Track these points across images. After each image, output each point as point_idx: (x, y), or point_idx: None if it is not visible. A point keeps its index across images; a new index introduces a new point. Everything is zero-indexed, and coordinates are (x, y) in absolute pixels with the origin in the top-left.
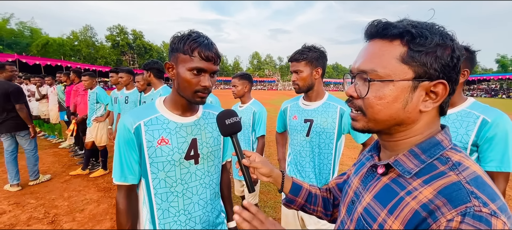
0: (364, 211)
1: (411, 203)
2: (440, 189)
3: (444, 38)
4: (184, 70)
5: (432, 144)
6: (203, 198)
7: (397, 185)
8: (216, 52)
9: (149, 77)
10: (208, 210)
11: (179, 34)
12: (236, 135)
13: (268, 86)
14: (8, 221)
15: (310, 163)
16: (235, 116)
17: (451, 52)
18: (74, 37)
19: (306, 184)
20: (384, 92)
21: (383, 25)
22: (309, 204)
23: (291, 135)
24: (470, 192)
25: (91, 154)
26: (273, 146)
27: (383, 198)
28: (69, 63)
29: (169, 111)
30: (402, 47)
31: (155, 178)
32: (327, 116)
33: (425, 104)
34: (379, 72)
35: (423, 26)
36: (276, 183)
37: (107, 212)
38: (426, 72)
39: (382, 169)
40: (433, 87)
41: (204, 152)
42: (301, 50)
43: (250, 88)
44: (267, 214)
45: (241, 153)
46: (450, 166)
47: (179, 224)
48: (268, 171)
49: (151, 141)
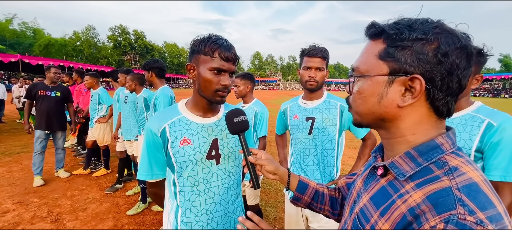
0: (360, 212)
1: (401, 206)
2: (429, 194)
3: (426, 33)
4: (205, 70)
5: (431, 147)
6: (224, 198)
7: (392, 187)
8: (235, 53)
9: (151, 77)
10: (230, 211)
11: (200, 37)
12: (244, 133)
13: (269, 86)
14: (12, 220)
15: (314, 160)
16: (243, 115)
17: (436, 47)
18: (76, 37)
19: (313, 183)
20: (363, 87)
21: (368, 26)
22: (316, 203)
23: (293, 135)
24: (457, 199)
25: (92, 153)
26: (274, 146)
27: (378, 200)
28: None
29: (190, 112)
30: (382, 44)
31: (180, 176)
32: (328, 113)
33: (403, 99)
34: (360, 68)
35: (405, 23)
36: (282, 181)
37: (109, 211)
38: (401, 67)
39: (381, 171)
40: (410, 82)
41: (225, 152)
42: (324, 48)
43: (252, 88)
44: (268, 213)
45: (248, 150)
46: (446, 170)
47: (200, 224)
48: (274, 168)
49: (175, 142)
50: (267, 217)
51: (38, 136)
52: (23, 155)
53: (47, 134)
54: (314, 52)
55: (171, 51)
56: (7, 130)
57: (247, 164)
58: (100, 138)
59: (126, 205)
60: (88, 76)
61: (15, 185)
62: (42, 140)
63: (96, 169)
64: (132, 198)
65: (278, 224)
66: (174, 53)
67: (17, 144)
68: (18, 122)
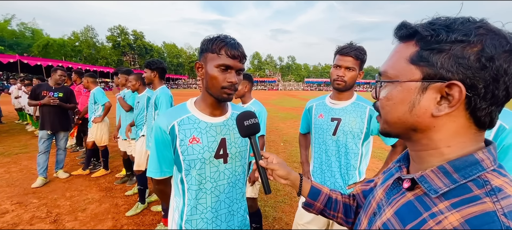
0: (383, 227)
1: (433, 228)
2: (469, 218)
3: (468, 34)
4: (212, 67)
5: (469, 163)
6: (229, 197)
7: (421, 204)
8: (242, 51)
9: (154, 77)
10: (234, 210)
11: (209, 37)
12: (255, 136)
13: (268, 86)
14: (11, 221)
15: (336, 162)
16: (254, 118)
17: (480, 51)
18: (75, 37)
19: (326, 189)
20: (392, 93)
21: (398, 27)
22: (329, 209)
23: (315, 134)
24: (505, 227)
25: (92, 154)
26: (273, 146)
27: (405, 216)
28: (70, 64)
29: (199, 111)
30: (414, 47)
31: (188, 174)
32: (356, 115)
33: (438, 108)
34: (389, 73)
35: (442, 23)
36: (294, 186)
37: (109, 212)
38: (437, 72)
39: (408, 184)
40: (447, 89)
41: (232, 152)
42: (359, 48)
43: (251, 88)
44: (267, 213)
45: (259, 154)
46: (488, 191)
47: (205, 221)
48: (285, 173)
49: (184, 140)
50: (266, 217)
51: (41, 136)
52: (22, 156)
53: (50, 134)
54: (346, 50)
55: (170, 52)
56: (6, 131)
57: (258, 168)
58: (98, 138)
59: (125, 205)
60: (84, 77)
61: (14, 186)
62: (45, 140)
63: (95, 170)
64: (131, 199)
65: (277, 224)
66: (173, 54)
67: (16, 145)
68: (16, 122)
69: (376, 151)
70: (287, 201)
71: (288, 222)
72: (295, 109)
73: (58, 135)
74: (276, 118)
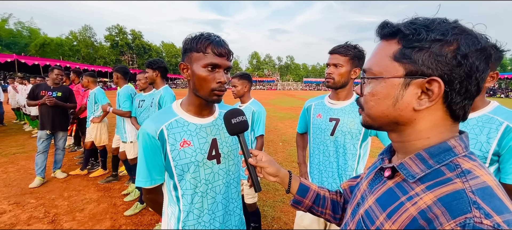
0: (365, 213)
1: (410, 208)
2: (441, 196)
3: (445, 34)
4: (199, 68)
5: (442, 150)
6: (225, 197)
7: (400, 189)
8: (228, 48)
9: (156, 77)
10: (231, 209)
11: (191, 35)
12: (243, 134)
13: (267, 86)
14: (8, 221)
15: (334, 163)
16: (242, 115)
17: (456, 49)
18: (73, 37)
19: (314, 186)
20: (377, 89)
21: (381, 26)
22: (317, 206)
23: (313, 135)
24: (472, 201)
25: (90, 154)
26: (272, 146)
27: (385, 201)
28: (68, 63)
29: (187, 113)
30: (397, 45)
31: (182, 179)
32: (355, 116)
33: (420, 102)
34: (373, 70)
35: (422, 23)
36: (283, 183)
37: (107, 212)
38: (418, 69)
39: (388, 172)
40: (427, 84)
41: (225, 152)
42: (346, 45)
43: (250, 88)
44: (266, 212)
45: (248, 152)
46: (458, 173)
47: (203, 225)
48: (274, 170)
49: (174, 144)
50: (265, 217)
51: (40, 136)
52: (19, 156)
53: (49, 134)
54: (333, 48)
55: (168, 51)
56: (3, 131)
57: (247, 166)
58: (97, 138)
59: (123, 205)
60: (84, 76)
61: (11, 186)
62: (43, 140)
63: (93, 170)
64: None
65: (276, 224)
66: (171, 53)
67: (13, 145)
68: (14, 122)
69: (374, 150)
70: (286, 200)
71: (287, 221)
72: (294, 108)
73: (57, 135)
74: (274, 118)
